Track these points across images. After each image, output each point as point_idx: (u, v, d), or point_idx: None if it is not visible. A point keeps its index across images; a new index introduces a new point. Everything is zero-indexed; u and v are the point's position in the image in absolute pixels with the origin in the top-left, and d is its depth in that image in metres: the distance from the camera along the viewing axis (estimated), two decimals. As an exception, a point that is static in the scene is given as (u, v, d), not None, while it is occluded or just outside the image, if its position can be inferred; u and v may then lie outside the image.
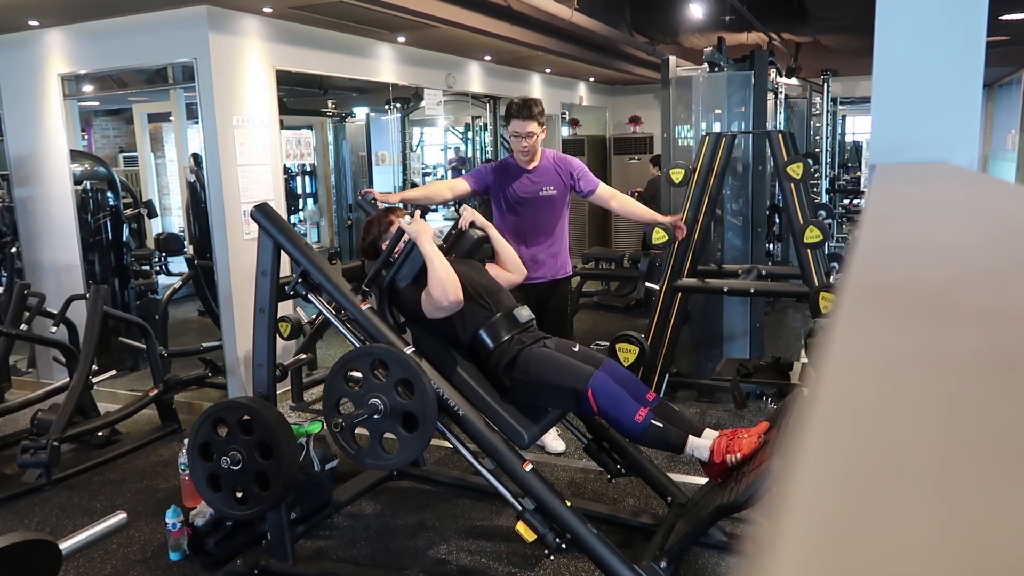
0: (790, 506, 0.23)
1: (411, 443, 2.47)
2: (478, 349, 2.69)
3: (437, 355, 2.66)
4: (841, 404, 0.31)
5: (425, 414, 2.41)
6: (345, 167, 8.25)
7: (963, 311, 0.44)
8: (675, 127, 5.25)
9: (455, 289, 2.56)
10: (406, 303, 2.73)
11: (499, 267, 3.06)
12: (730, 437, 2.52)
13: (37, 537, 1.74)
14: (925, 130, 1.56)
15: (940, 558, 0.20)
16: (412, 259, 2.67)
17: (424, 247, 2.61)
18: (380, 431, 2.50)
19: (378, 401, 2.46)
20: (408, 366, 2.44)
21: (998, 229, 0.79)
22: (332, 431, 2.49)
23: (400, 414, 2.46)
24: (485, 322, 2.67)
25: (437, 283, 2.56)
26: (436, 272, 2.57)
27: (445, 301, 2.56)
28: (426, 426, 2.43)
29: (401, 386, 2.46)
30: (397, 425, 2.47)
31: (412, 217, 2.73)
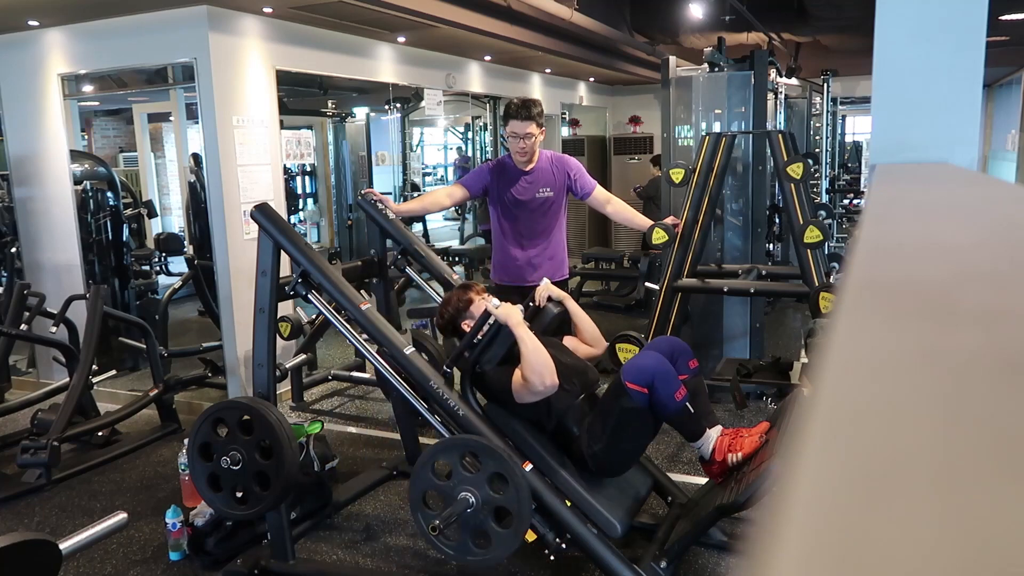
0: (790, 506, 0.23)
1: (505, 539, 2.36)
2: (562, 434, 2.60)
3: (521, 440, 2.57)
4: (841, 404, 0.31)
5: (520, 508, 2.32)
6: (345, 167, 8.25)
7: (963, 311, 0.44)
8: (675, 127, 5.25)
9: (551, 374, 2.46)
10: (493, 386, 2.62)
11: (577, 340, 2.92)
12: (731, 436, 2.53)
13: (37, 537, 1.75)
14: (925, 130, 1.56)
15: (940, 557, 0.20)
16: (500, 341, 2.56)
17: (518, 332, 2.49)
18: (473, 526, 2.39)
19: (469, 495, 2.37)
20: (501, 458, 2.35)
21: (998, 229, 0.79)
22: (427, 532, 2.38)
23: (492, 508, 2.37)
24: (569, 408, 2.59)
25: (533, 368, 2.44)
26: (530, 356, 2.45)
27: (541, 387, 2.46)
28: (520, 521, 2.33)
29: (495, 480, 2.37)
30: (489, 520, 2.37)
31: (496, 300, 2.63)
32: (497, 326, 2.55)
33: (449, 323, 2.78)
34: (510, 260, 3.58)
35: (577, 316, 2.91)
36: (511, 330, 2.50)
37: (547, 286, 2.89)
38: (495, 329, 2.56)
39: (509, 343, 2.53)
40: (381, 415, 4.50)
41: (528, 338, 2.48)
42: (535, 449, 2.55)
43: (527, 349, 2.46)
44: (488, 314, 2.59)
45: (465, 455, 2.41)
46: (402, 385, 2.71)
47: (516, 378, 2.50)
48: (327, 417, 4.52)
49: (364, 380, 4.85)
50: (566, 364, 2.62)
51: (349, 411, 4.69)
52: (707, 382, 4.53)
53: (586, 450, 2.52)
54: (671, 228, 4.01)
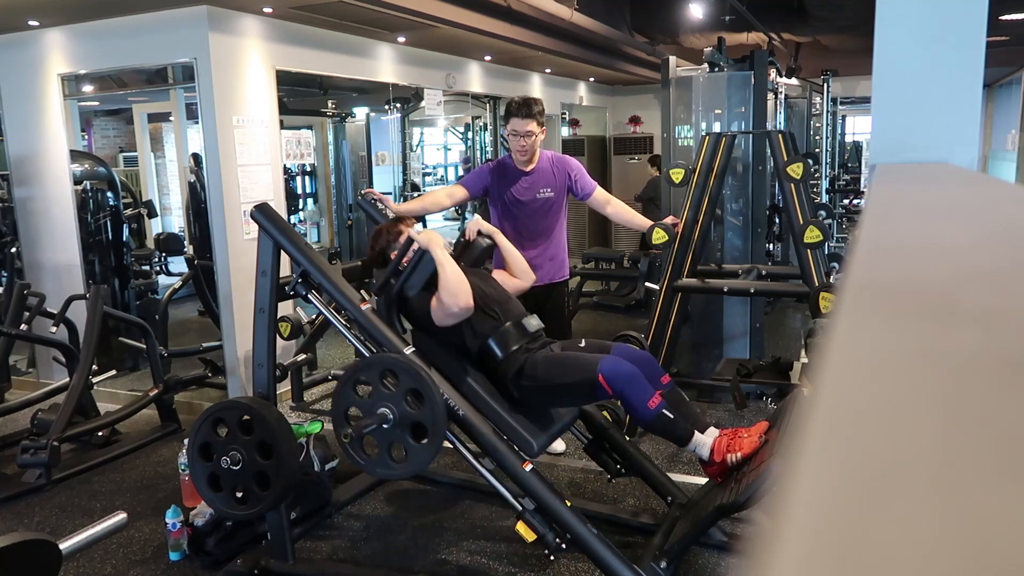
0: (790, 506, 0.23)
1: (420, 453, 2.45)
2: (487, 359, 2.67)
3: (445, 363, 2.64)
4: (841, 404, 0.31)
5: (435, 424, 2.39)
6: (345, 167, 8.25)
7: (963, 311, 0.44)
8: (675, 127, 5.25)
9: (466, 295, 2.55)
10: (415, 311, 2.71)
11: (507, 274, 3.04)
12: (731, 437, 2.52)
13: (37, 537, 1.74)
14: (925, 130, 1.56)
15: (939, 557, 0.20)
16: (422, 267, 2.65)
17: (436, 254, 2.60)
18: (389, 441, 2.47)
19: (387, 411, 2.44)
20: (418, 376, 2.41)
21: (998, 229, 0.79)
22: (341, 441, 2.47)
23: (409, 424, 2.44)
24: (494, 331, 2.65)
25: (448, 289, 2.54)
26: (447, 278, 2.55)
27: (456, 307, 2.54)
28: (435, 436, 2.40)
29: (411, 396, 2.44)
30: (406, 435, 2.44)
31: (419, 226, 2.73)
32: (420, 252, 2.66)
33: (379, 254, 2.89)
34: None
35: (506, 250, 3.06)
36: (431, 254, 2.60)
37: (478, 220, 3.01)
38: (418, 256, 2.67)
39: (431, 268, 2.63)
40: (381, 415, 4.49)
41: (446, 261, 2.60)
42: (458, 372, 2.63)
43: (444, 271, 2.57)
44: (411, 240, 2.70)
45: (384, 373, 2.48)
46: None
47: (434, 300, 2.60)
48: (327, 417, 4.52)
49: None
50: (487, 292, 2.73)
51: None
52: (707, 382, 4.56)
53: (511, 378, 2.60)
54: (671, 228, 4.01)
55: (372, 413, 2.46)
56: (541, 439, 2.58)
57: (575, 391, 2.57)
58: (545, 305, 3.57)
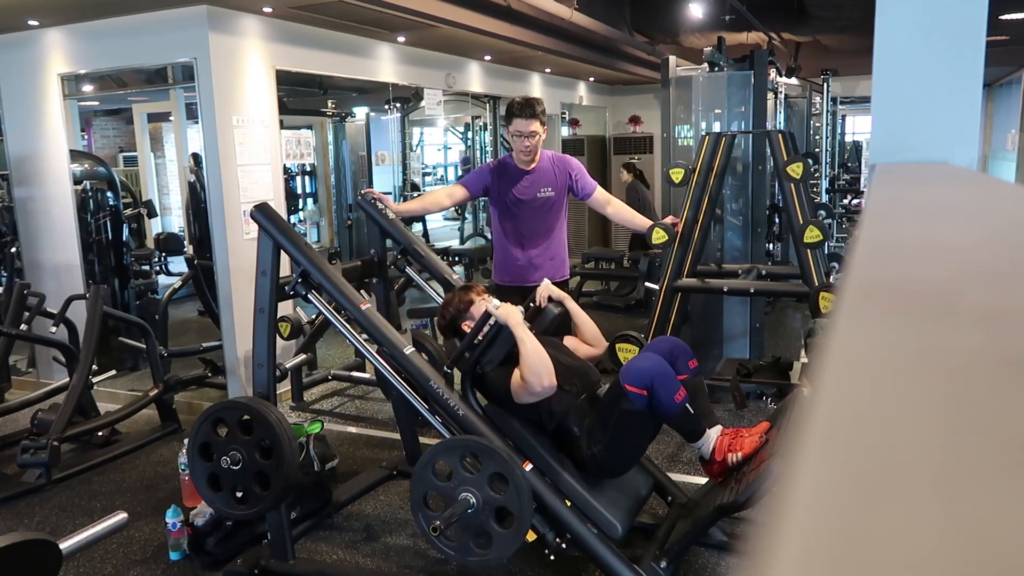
0: (790, 506, 0.23)
1: (506, 539, 2.35)
2: (563, 435, 2.59)
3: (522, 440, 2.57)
4: (841, 404, 0.31)
5: (521, 509, 2.32)
6: (345, 167, 8.25)
7: (963, 311, 0.44)
8: (675, 127, 5.25)
9: (549, 375, 2.45)
10: (493, 387, 2.61)
11: (578, 340, 2.91)
12: (731, 436, 2.53)
13: (37, 537, 1.75)
14: (925, 130, 1.56)
15: (939, 557, 0.20)
16: (500, 342, 2.56)
17: (517, 332, 2.49)
18: (472, 527, 2.39)
19: (470, 495, 2.36)
20: (502, 459, 2.35)
21: (998, 229, 0.79)
22: (428, 533, 2.38)
23: (493, 509, 2.36)
24: (572, 408, 2.58)
25: (532, 368, 2.43)
26: (529, 357, 2.44)
27: (540, 388, 2.44)
28: (521, 521, 2.33)
29: (495, 480, 2.37)
30: (490, 520, 2.37)
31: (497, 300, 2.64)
32: (497, 327, 2.55)
33: (450, 324, 2.78)
34: (511, 260, 3.57)
35: (577, 316, 2.91)
36: (511, 331, 2.50)
37: (547, 286, 2.88)
38: (495, 330, 2.56)
39: (509, 344, 2.53)
40: (381, 415, 4.50)
41: (528, 339, 2.48)
42: (535, 450, 2.55)
43: (526, 350, 2.45)
44: (488, 315, 2.59)
45: (466, 456, 2.41)
46: (402, 385, 2.71)
47: (515, 379, 2.49)
48: (327, 417, 4.52)
49: (364, 380, 4.85)
50: (566, 365, 2.62)
51: (349, 411, 4.69)
52: (707, 382, 4.54)
53: (586, 451, 2.52)
54: (671, 228, 4.01)
55: (454, 499, 2.38)
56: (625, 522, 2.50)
57: (626, 423, 2.48)
58: None
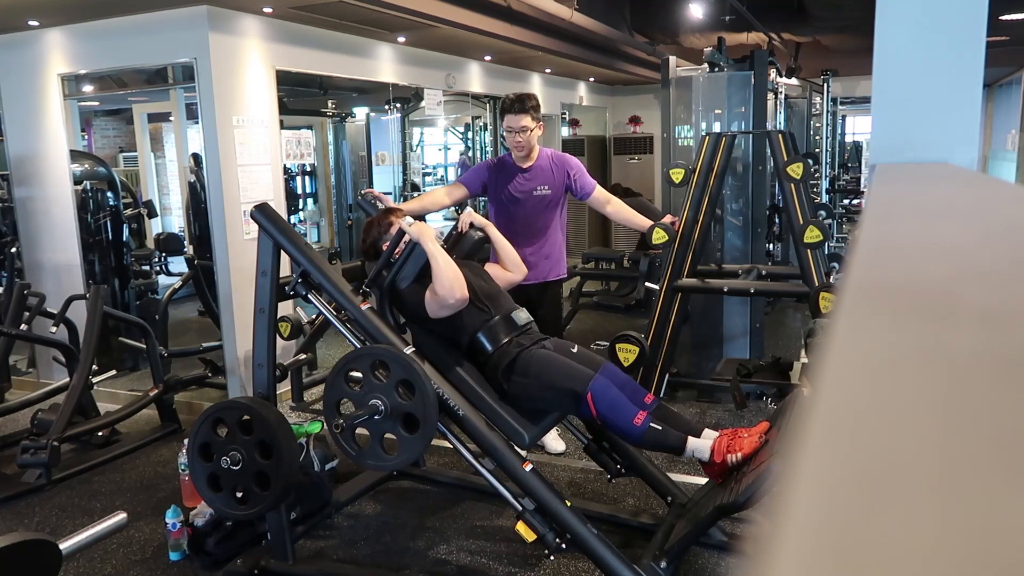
0: (790, 506, 0.23)
1: (412, 444, 2.47)
2: (477, 352, 2.69)
3: (437, 356, 2.66)
4: (841, 404, 0.31)
5: (426, 415, 2.42)
6: (345, 167, 8.25)
7: (963, 311, 0.44)
8: (675, 127, 5.25)
9: (460, 287, 2.57)
10: (407, 303, 2.73)
11: (499, 267, 3.07)
12: (731, 437, 2.52)
13: (37, 537, 1.74)
14: (925, 130, 1.56)
15: (939, 558, 0.20)
16: (414, 259, 2.68)
17: (428, 246, 2.62)
18: (381, 432, 2.49)
19: (379, 402, 2.46)
20: (409, 367, 2.44)
21: (998, 229, 0.79)
22: (332, 432, 2.49)
23: (401, 415, 2.46)
24: (484, 325, 2.68)
25: (443, 281, 2.56)
26: (441, 270, 2.58)
27: (451, 299, 2.57)
28: (427, 427, 2.43)
29: (402, 387, 2.46)
30: (398, 426, 2.46)
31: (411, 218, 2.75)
32: (412, 244, 2.67)
33: (371, 247, 2.91)
34: None
35: (498, 242, 3.08)
36: (423, 246, 2.61)
37: (469, 213, 3.06)
38: (410, 247, 2.68)
39: (423, 260, 2.65)
40: (381, 415, 4.49)
41: (439, 253, 2.61)
42: (448, 364, 2.64)
43: (437, 263, 2.59)
44: (403, 232, 2.70)
45: (376, 364, 2.49)
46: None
47: (428, 292, 2.61)
48: (327, 417, 4.52)
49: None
50: (480, 286, 2.75)
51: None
52: (707, 382, 4.56)
53: (502, 372, 2.61)
54: (671, 228, 4.01)
55: (364, 404, 2.48)
56: (532, 431, 2.60)
57: (561, 398, 2.58)
58: (539, 304, 3.57)
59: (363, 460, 2.58)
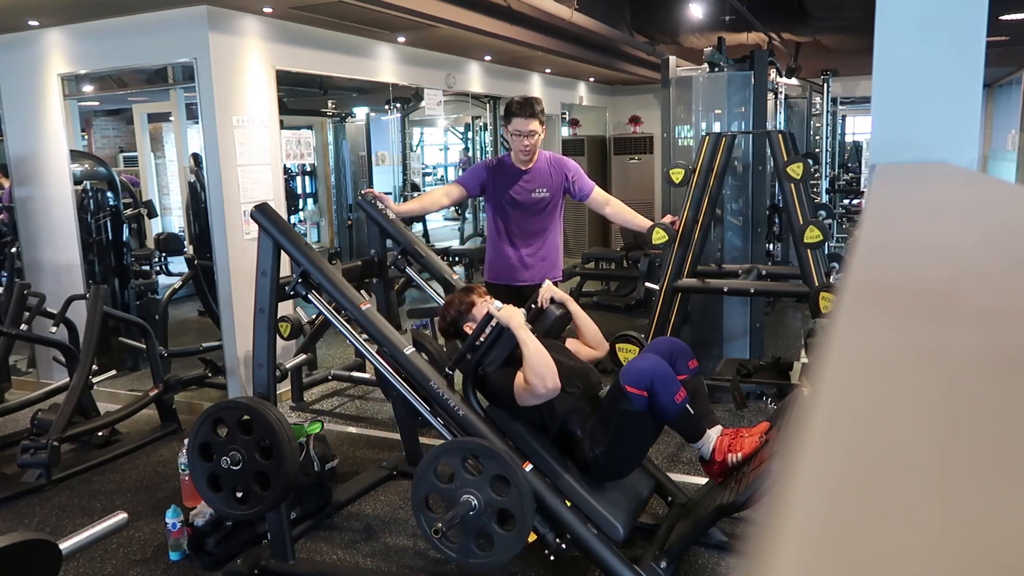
0: (790, 506, 0.23)
1: (508, 541, 2.35)
2: (566, 437, 2.59)
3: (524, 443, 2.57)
4: (841, 404, 0.31)
5: (523, 511, 2.31)
6: (345, 167, 8.25)
7: (963, 311, 0.44)
8: (675, 127, 5.25)
9: (553, 377, 2.44)
10: (495, 389, 2.61)
11: (580, 343, 2.91)
12: (731, 436, 2.52)
13: (37, 537, 1.74)
14: (925, 130, 1.56)
15: (940, 558, 0.20)
16: (501, 344, 2.56)
17: (519, 334, 2.48)
18: (474, 529, 2.39)
19: (471, 498, 2.36)
20: (504, 461, 2.34)
21: (998, 229, 0.79)
22: (430, 536, 2.38)
23: (495, 511, 2.36)
24: (574, 411, 2.57)
25: (535, 371, 2.42)
26: (534, 359, 2.44)
27: (543, 389, 2.44)
28: (523, 523, 2.32)
29: (497, 482, 2.37)
30: (492, 522, 2.36)
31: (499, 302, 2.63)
32: (499, 328, 2.55)
33: (451, 325, 2.78)
34: (502, 259, 3.58)
35: (579, 318, 2.90)
36: (513, 332, 2.50)
37: (549, 287, 2.88)
38: (497, 331, 2.55)
39: (511, 346, 2.53)
40: (381, 415, 4.50)
41: (530, 340, 2.47)
42: (537, 452, 2.55)
43: (529, 352, 2.44)
44: (490, 316, 2.58)
45: (467, 457, 2.40)
46: (402, 385, 2.70)
47: (518, 381, 2.48)
48: (327, 417, 4.52)
49: (364, 380, 4.85)
50: (568, 366, 2.61)
51: (349, 411, 4.69)
52: (707, 382, 4.54)
53: (588, 453, 2.51)
54: (671, 228, 4.01)
55: (455, 500, 2.37)
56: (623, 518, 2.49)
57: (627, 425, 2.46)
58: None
59: (464, 559, 2.43)
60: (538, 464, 2.51)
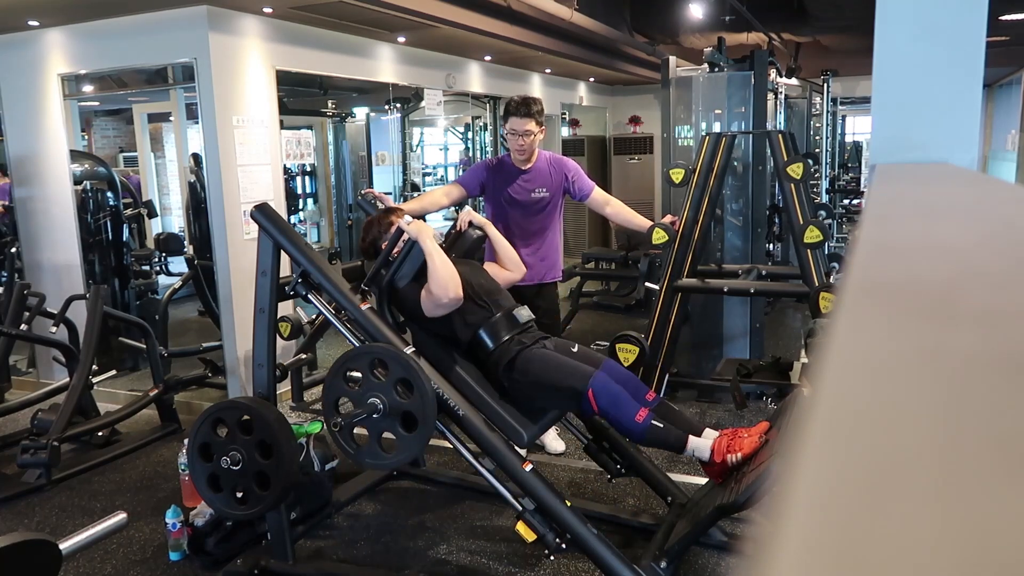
0: (790, 506, 0.23)
1: (410, 442, 2.48)
2: (477, 349, 2.69)
3: (436, 355, 2.66)
4: (841, 404, 0.31)
5: (424, 414, 2.42)
6: (345, 167, 8.25)
7: (963, 311, 0.44)
8: (675, 127, 5.25)
9: (455, 286, 2.58)
10: (405, 301, 2.74)
11: (497, 266, 3.08)
12: (731, 437, 2.52)
13: (37, 537, 1.74)
14: (925, 130, 1.56)
15: (939, 558, 0.20)
16: (412, 258, 2.68)
17: (425, 244, 2.63)
18: (379, 430, 2.50)
19: (377, 400, 2.47)
20: (407, 365, 2.44)
21: (998, 229, 0.79)
22: (331, 430, 2.50)
23: (399, 414, 2.46)
24: (484, 322, 2.68)
25: (437, 280, 2.57)
26: (436, 269, 2.59)
27: (445, 298, 2.57)
28: (425, 426, 2.43)
29: (400, 385, 2.47)
30: (396, 425, 2.47)
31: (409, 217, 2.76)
32: (411, 243, 2.67)
33: (371, 245, 2.93)
34: None
35: (497, 241, 3.09)
36: (421, 245, 2.62)
37: (468, 212, 3.06)
38: (408, 246, 2.68)
39: (421, 259, 2.65)
40: (381, 415, 4.49)
41: (435, 252, 2.62)
42: (447, 363, 2.64)
43: (433, 262, 2.60)
44: (401, 231, 2.72)
45: (374, 363, 2.50)
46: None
47: (424, 290, 2.62)
48: (327, 417, 4.52)
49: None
50: (477, 283, 2.75)
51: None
52: (707, 382, 4.56)
53: (502, 369, 2.62)
54: (671, 228, 4.01)
55: (362, 403, 2.48)
56: (531, 429, 2.60)
57: (562, 396, 2.59)
58: (535, 306, 3.56)
59: (362, 459, 2.58)
60: (447, 373, 2.60)
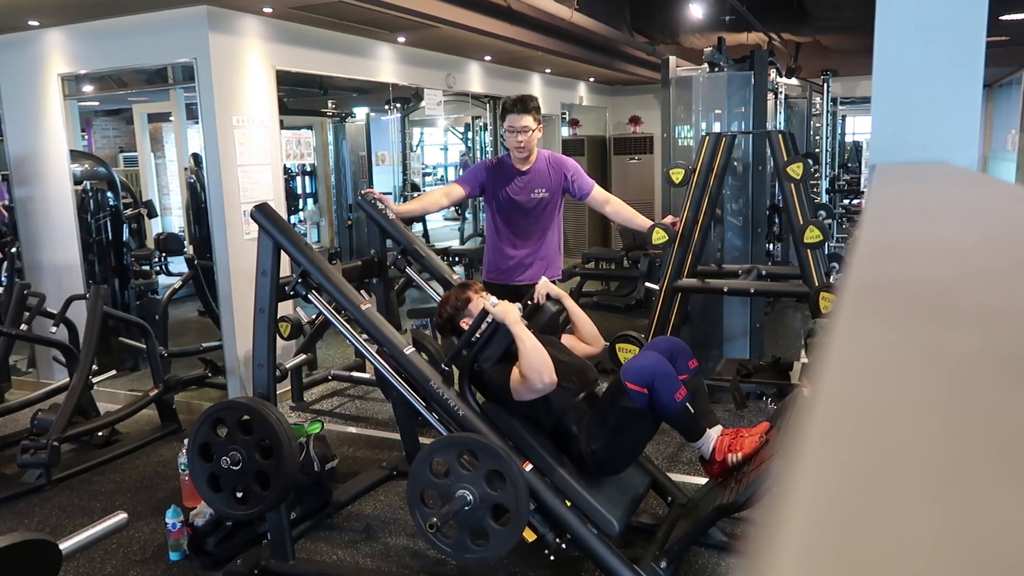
0: (790, 506, 0.23)
1: (503, 536, 2.36)
2: (562, 433, 2.59)
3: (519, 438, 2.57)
4: (841, 404, 0.31)
5: (518, 505, 2.33)
6: (345, 167, 8.25)
7: (963, 311, 0.44)
8: (675, 127, 5.25)
9: (549, 371, 2.45)
10: (492, 385, 2.62)
11: (575, 339, 2.92)
12: (732, 436, 2.53)
13: (37, 537, 1.74)
14: (925, 130, 1.56)
15: (939, 558, 0.20)
16: (497, 340, 2.57)
17: (514, 330, 2.50)
18: (469, 524, 2.39)
19: (467, 493, 2.37)
20: (499, 456, 2.35)
21: (998, 229, 0.79)
22: (425, 530, 2.38)
23: (490, 506, 2.37)
24: (570, 407, 2.58)
25: (532, 365, 2.43)
26: (528, 354, 2.45)
27: (540, 384, 2.45)
28: (518, 518, 2.33)
29: (492, 477, 2.37)
30: (487, 517, 2.37)
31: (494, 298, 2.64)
32: (495, 324, 2.55)
33: (447, 322, 2.79)
34: (501, 258, 3.58)
35: (575, 315, 2.92)
36: (509, 328, 2.51)
37: (546, 284, 2.89)
38: (493, 327, 2.56)
39: (507, 341, 2.54)
40: (381, 415, 4.50)
41: (526, 336, 2.49)
42: (533, 448, 2.55)
43: (525, 347, 2.46)
44: (486, 312, 2.59)
45: (463, 453, 2.41)
46: (402, 385, 2.70)
47: (515, 376, 2.50)
48: (327, 417, 4.52)
49: (364, 380, 4.85)
50: (564, 362, 2.62)
51: (349, 411, 4.69)
52: (707, 382, 4.54)
53: (584, 449, 2.52)
54: (671, 228, 4.01)
55: (451, 496, 2.38)
56: (618, 515, 2.50)
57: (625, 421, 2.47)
58: None
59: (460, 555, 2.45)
60: (534, 460, 2.51)
